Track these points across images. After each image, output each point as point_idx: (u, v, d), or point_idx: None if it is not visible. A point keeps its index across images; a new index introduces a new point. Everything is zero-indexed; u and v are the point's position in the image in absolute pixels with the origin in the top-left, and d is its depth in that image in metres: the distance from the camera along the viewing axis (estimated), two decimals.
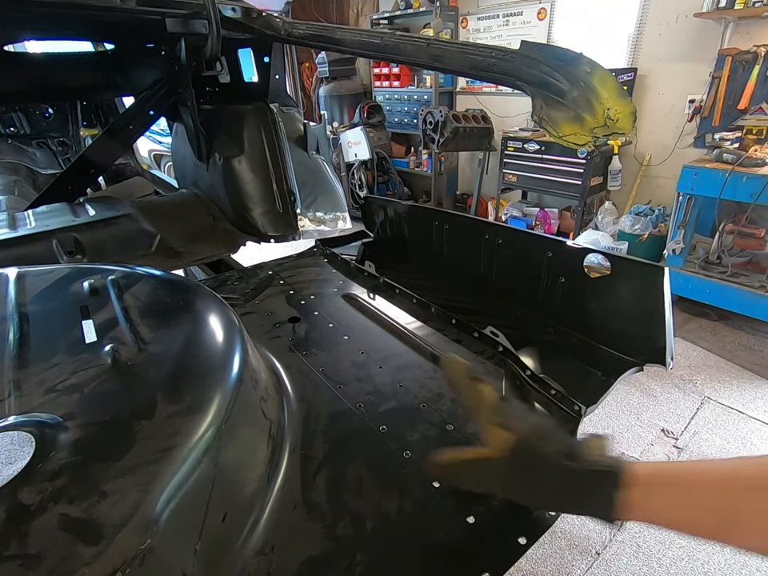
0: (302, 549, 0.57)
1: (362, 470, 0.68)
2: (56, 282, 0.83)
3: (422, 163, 5.01)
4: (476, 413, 0.55)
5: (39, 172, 2.29)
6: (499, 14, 4.22)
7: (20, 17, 1.23)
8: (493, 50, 1.02)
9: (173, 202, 1.78)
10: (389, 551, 0.57)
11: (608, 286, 0.84)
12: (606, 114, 0.90)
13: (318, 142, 1.72)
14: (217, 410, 0.56)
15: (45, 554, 0.39)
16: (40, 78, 1.63)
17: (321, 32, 1.32)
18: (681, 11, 3.12)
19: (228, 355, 0.66)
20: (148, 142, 2.67)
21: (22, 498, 0.43)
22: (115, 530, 0.41)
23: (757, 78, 2.84)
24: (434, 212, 1.28)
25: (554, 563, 1.58)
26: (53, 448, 0.48)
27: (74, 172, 1.76)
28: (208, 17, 1.24)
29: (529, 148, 3.67)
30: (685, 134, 3.31)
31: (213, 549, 0.51)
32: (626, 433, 2.11)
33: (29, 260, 1.22)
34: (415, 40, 1.17)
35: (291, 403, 0.80)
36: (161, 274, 0.88)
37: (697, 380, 2.43)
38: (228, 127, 1.62)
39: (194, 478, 0.49)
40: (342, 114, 5.26)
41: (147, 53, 1.54)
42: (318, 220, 1.70)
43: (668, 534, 1.65)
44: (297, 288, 1.24)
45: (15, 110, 2.25)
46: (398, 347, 0.97)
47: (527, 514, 0.61)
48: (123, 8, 1.14)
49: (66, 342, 0.66)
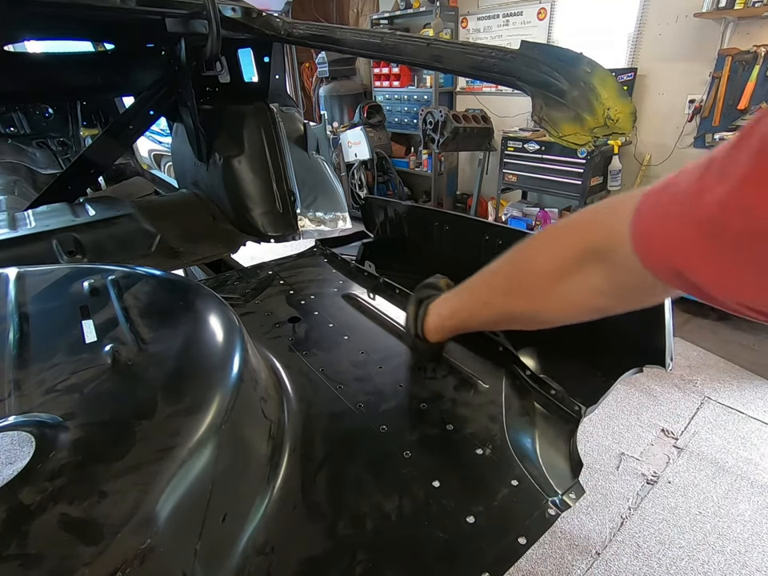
0: (301, 549, 0.57)
1: (362, 470, 0.68)
2: (56, 282, 0.83)
3: (422, 163, 5.01)
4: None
5: (39, 172, 2.29)
6: (499, 14, 4.22)
7: (20, 17, 1.23)
8: (493, 50, 1.02)
9: (173, 201, 1.78)
10: (389, 551, 0.57)
11: None
12: (606, 114, 0.90)
13: (317, 142, 1.72)
14: (217, 409, 0.56)
15: (45, 554, 0.39)
16: (40, 78, 1.63)
17: (321, 32, 1.33)
18: (681, 11, 3.12)
19: (228, 355, 0.66)
20: (148, 142, 2.67)
21: (22, 497, 0.43)
22: (115, 529, 0.41)
23: (757, 78, 2.84)
24: (434, 212, 1.28)
25: (553, 563, 1.58)
26: (53, 448, 0.48)
27: (73, 172, 1.76)
28: (208, 17, 1.24)
29: (529, 148, 3.67)
30: (685, 134, 3.31)
31: (213, 549, 0.51)
32: (625, 433, 2.11)
33: (29, 260, 1.22)
34: (415, 40, 1.17)
35: (291, 403, 0.80)
36: (161, 273, 0.88)
37: (697, 380, 2.43)
38: (228, 127, 1.62)
39: (194, 478, 0.49)
40: (342, 114, 5.26)
41: (147, 53, 1.54)
42: (318, 220, 1.70)
43: (668, 534, 1.65)
44: (297, 288, 1.24)
45: (15, 109, 2.25)
46: (397, 347, 0.97)
47: (527, 514, 0.61)
48: (123, 8, 1.14)
49: (66, 342, 0.66)
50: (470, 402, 0.82)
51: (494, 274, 0.62)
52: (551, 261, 0.50)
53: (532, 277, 0.54)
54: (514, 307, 0.59)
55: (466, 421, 0.77)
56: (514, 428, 0.76)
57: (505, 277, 0.60)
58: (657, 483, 1.86)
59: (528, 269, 0.55)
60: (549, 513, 0.61)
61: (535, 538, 0.59)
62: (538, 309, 0.55)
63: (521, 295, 0.56)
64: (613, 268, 0.44)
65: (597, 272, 0.45)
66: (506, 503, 0.63)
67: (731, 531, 1.66)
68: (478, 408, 0.80)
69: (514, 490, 0.64)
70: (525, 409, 0.80)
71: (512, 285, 0.58)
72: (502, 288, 0.60)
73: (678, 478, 1.88)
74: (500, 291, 0.61)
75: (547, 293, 0.51)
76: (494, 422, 0.77)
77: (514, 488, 0.65)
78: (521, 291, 0.56)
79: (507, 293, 0.59)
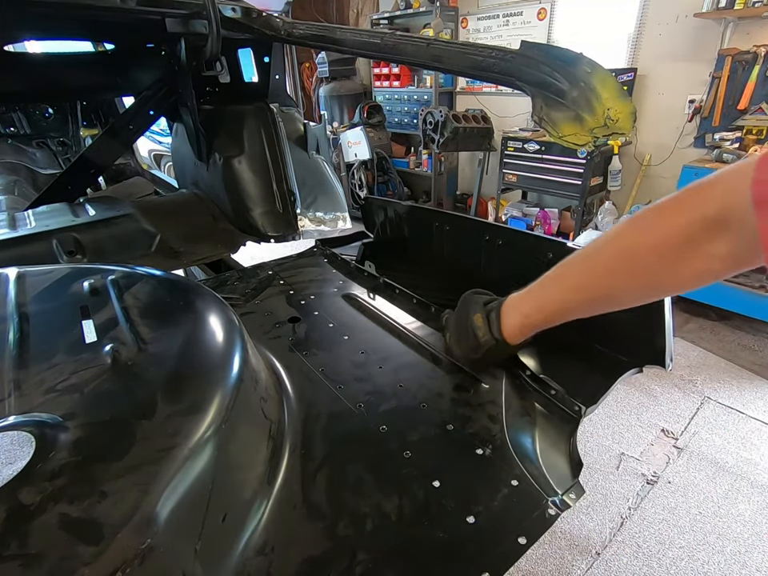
0: (301, 549, 0.57)
1: (362, 470, 0.68)
2: (56, 281, 0.83)
3: (422, 163, 5.02)
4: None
5: (39, 172, 2.29)
6: (499, 14, 4.22)
7: (20, 17, 1.23)
8: (493, 50, 1.02)
9: (173, 201, 1.78)
10: (389, 551, 0.57)
11: None
12: (606, 114, 0.90)
13: (317, 142, 1.72)
14: (217, 409, 0.56)
15: (45, 554, 0.39)
16: (40, 78, 1.63)
17: (321, 32, 1.32)
18: (681, 11, 3.12)
19: (228, 355, 0.66)
20: (148, 142, 2.67)
21: (22, 498, 0.43)
22: (115, 529, 0.41)
23: (757, 78, 2.84)
24: (434, 213, 1.28)
25: (553, 563, 1.58)
26: (53, 448, 0.48)
27: (73, 172, 1.76)
28: (208, 17, 1.24)
29: (529, 148, 3.67)
30: (685, 134, 3.32)
31: (213, 549, 0.51)
32: (625, 433, 2.11)
33: (29, 260, 1.22)
34: (415, 40, 1.17)
35: (291, 403, 0.80)
36: (161, 273, 0.88)
37: (697, 380, 2.43)
38: (228, 127, 1.62)
39: (194, 478, 0.49)
40: (342, 114, 5.26)
41: (147, 53, 1.54)
42: (318, 220, 1.70)
43: (668, 534, 1.65)
44: (297, 288, 1.24)
45: (15, 109, 2.25)
46: (397, 347, 0.97)
47: (527, 514, 0.61)
48: (123, 8, 1.14)
49: (66, 342, 0.66)
50: (469, 401, 0.82)
51: (589, 258, 0.64)
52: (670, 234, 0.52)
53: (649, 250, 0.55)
54: (619, 285, 0.61)
55: (466, 421, 0.77)
56: (514, 428, 0.76)
57: (608, 257, 0.62)
58: (657, 483, 1.86)
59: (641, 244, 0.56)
60: (549, 513, 0.61)
61: (535, 538, 0.59)
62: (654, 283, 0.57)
63: (632, 273, 0.58)
64: (735, 235, 0.46)
65: (720, 240, 0.47)
66: (506, 503, 0.63)
67: (731, 531, 1.66)
68: (478, 408, 0.80)
69: (514, 490, 0.64)
70: (525, 409, 0.80)
71: (620, 264, 0.60)
72: (606, 268, 0.62)
73: (678, 477, 1.88)
74: (602, 272, 0.62)
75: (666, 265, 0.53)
76: (494, 422, 0.77)
77: (514, 488, 0.65)
78: (633, 269, 0.58)
79: (613, 272, 0.61)
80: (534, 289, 0.73)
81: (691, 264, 0.51)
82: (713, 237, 0.48)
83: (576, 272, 0.66)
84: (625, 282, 0.60)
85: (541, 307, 0.72)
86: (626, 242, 0.59)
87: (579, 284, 0.66)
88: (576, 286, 0.66)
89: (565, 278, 0.68)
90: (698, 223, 0.49)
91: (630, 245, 0.58)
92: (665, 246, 0.53)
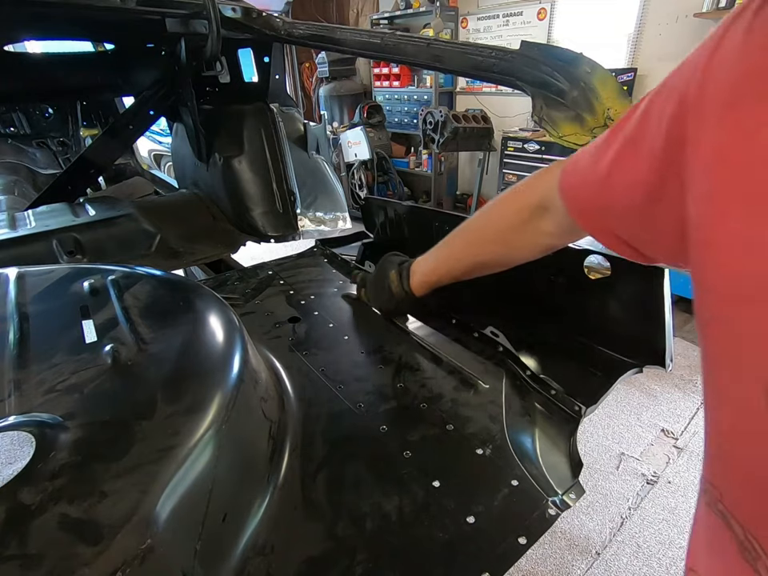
0: (301, 549, 0.57)
1: (362, 470, 0.68)
2: (56, 282, 0.83)
3: (421, 163, 5.02)
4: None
5: (39, 172, 2.29)
6: (499, 14, 4.22)
7: (20, 17, 1.23)
8: (493, 50, 1.02)
9: (173, 201, 1.78)
10: (389, 551, 0.57)
11: (608, 286, 0.84)
12: (606, 114, 0.90)
13: (317, 142, 1.72)
14: (217, 409, 0.56)
15: (45, 554, 0.39)
16: (40, 78, 1.63)
17: (321, 32, 1.32)
18: (681, 11, 3.13)
19: (228, 355, 0.66)
20: (148, 142, 2.67)
21: (22, 497, 0.43)
22: (115, 530, 0.41)
23: None
24: (435, 213, 1.28)
25: (553, 563, 1.58)
26: (53, 448, 0.48)
27: (73, 172, 1.76)
28: (208, 17, 1.24)
29: (529, 148, 3.67)
30: None
31: (213, 549, 0.51)
32: (625, 433, 2.11)
33: (29, 260, 1.22)
34: (415, 40, 1.17)
35: (291, 403, 0.80)
36: (161, 273, 0.88)
37: (697, 380, 2.43)
38: (228, 127, 1.62)
39: (194, 478, 0.49)
40: (342, 114, 5.26)
41: (147, 53, 1.54)
42: (318, 220, 1.70)
43: (668, 534, 1.65)
44: (297, 288, 1.24)
45: (15, 109, 2.25)
46: (397, 347, 0.97)
47: (527, 514, 0.61)
48: (123, 8, 1.14)
49: (66, 342, 0.66)
50: (470, 401, 0.82)
51: (464, 230, 0.79)
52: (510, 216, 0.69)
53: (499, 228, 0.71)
54: (484, 254, 0.76)
55: (466, 421, 0.77)
56: (514, 428, 0.76)
57: (476, 230, 0.77)
58: (657, 483, 1.86)
59: (494, 222, 0.73)
60: (549, 513, 0.61)
61: (535, 538, 0.59)
62: (505, 252, 0.72)
63: (492, 244, 0.74)
64: (553, 215, 0.60)
65: (544, 220, 0.62)
66: (506, 503, 0.63)
67: None
68: (478, 408, 0.80)
69: (514, 490, 0.64)
70: (525, 409, 0.80)
71: (484, 235, 0.75)
72: (474, 240, 0.77)
73: (678, 477, 1.88)
74: (473, 243, 0.78)
75: (511, 239, 0.69)
76: (494, 422, 0.77)
77: (514, 488, 0.65)
78: (491, 241, 0.74)
79: (479, 243, 0.76)
80: (431, 253, 0.88)
81: (530, 237, 0.66)
82: (540, 217, 0.62)
83: (455, 242, 0.81)
84: (488, 250, 0.75)
85: (434, 270, 0.88)
86: (488, 218, 0.74)
87: (458, 253, 0.81)
88: (456, 254, 0.82)
89: (448, 246, 0.83)
90: (531, 207, 0.63)
91: (490, 220, 0.74)
92: (511, 221, 0.68)
